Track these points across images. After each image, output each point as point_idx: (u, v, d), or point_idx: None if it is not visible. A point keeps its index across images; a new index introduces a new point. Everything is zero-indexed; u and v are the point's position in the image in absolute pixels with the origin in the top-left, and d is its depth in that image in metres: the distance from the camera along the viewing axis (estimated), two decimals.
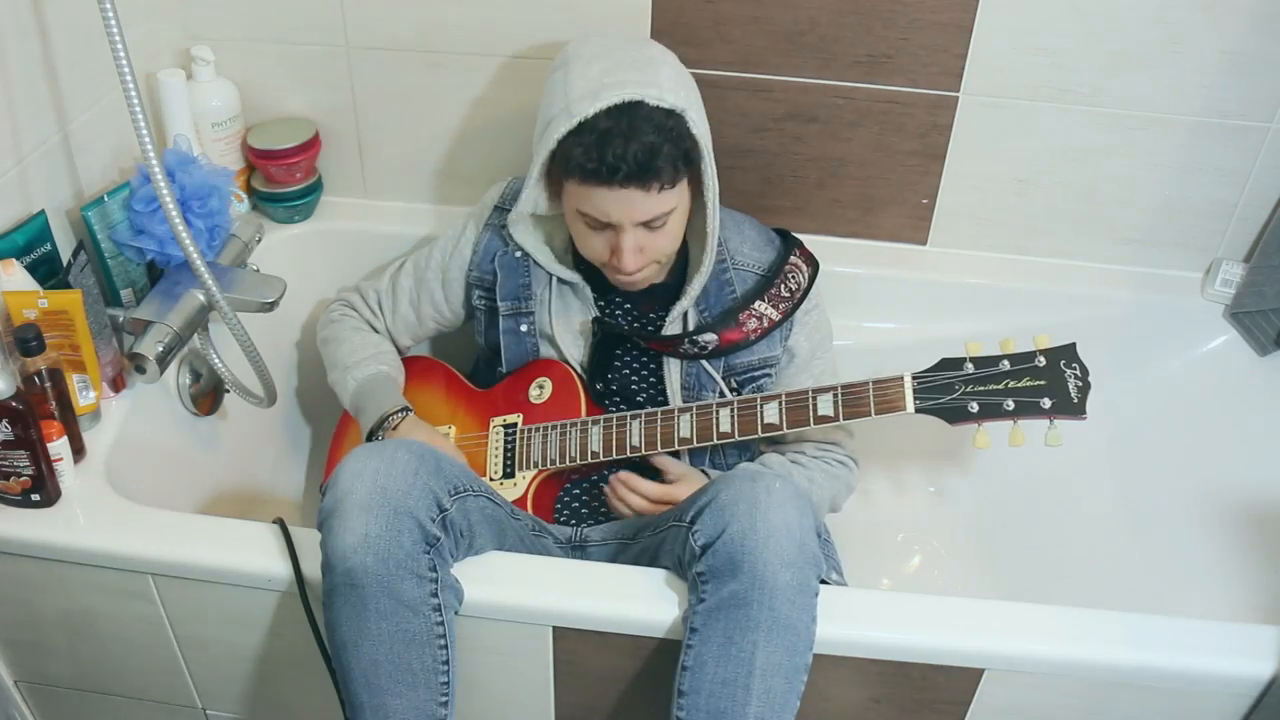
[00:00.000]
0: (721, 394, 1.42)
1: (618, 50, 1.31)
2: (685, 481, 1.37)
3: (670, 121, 1.25)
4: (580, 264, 1.45)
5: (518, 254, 1.46)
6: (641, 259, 1.32)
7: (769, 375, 1.44)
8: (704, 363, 1.41)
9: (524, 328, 1.47)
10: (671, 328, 1.42)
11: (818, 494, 1.41)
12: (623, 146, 1.22)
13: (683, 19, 1.57)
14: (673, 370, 1.42)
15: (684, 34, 1.58)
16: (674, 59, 1.35)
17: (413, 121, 1.72)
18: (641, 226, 1.29)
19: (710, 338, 1.39)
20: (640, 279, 1.36)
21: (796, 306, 1.43)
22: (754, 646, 1.08)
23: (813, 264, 1.47)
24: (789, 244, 1.47)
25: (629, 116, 1.23)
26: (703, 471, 1.42)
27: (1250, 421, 1.61)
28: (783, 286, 1.43)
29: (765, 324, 1.41)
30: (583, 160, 1.24)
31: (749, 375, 1.43)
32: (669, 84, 1.27)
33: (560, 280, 1.45)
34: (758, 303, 1.41)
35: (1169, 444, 1.67)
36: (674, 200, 1.29)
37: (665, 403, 1.43)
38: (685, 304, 1.41)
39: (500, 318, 1.47)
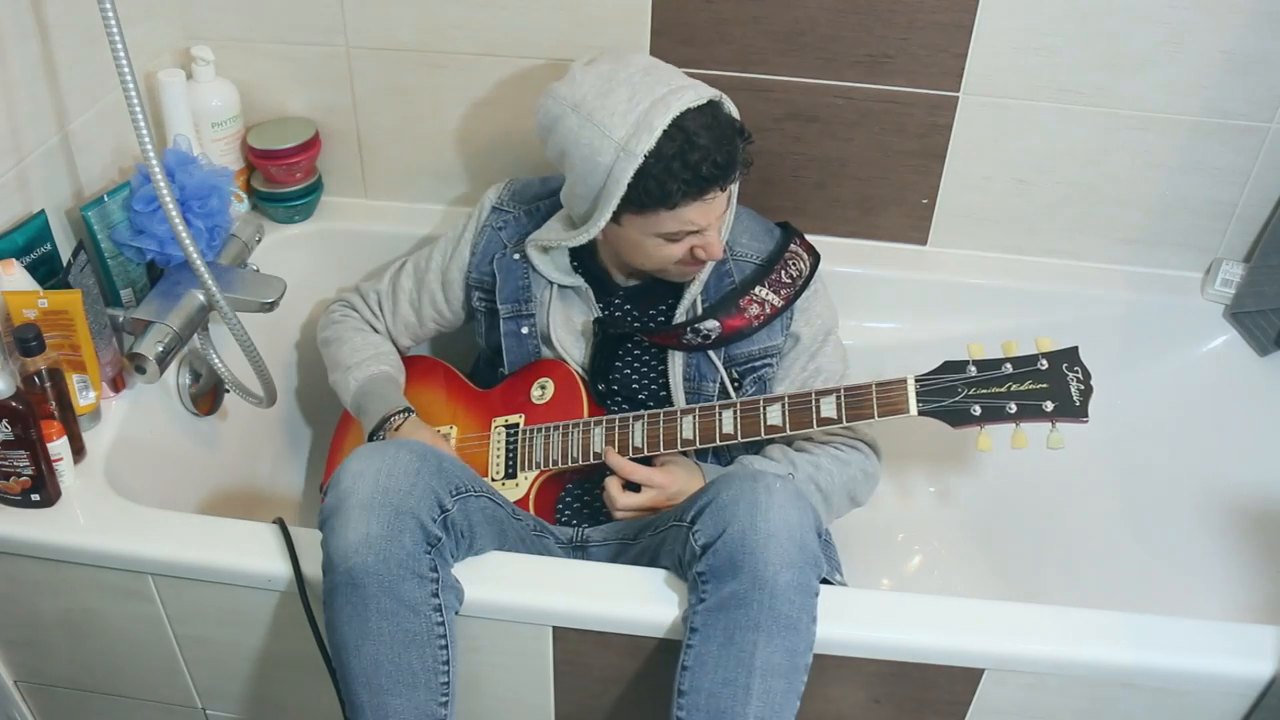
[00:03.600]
0: (722, 384, 1.41)
1: (615, 72, 1.28)
2: (670, 468, 1.36)
3: (716, 112, 1.27)
4: (581, 267, 1.45)
5: (516, 256, 1.46)
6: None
7: (770, 365, 1.43)
8: (707, 353, 1.41)
9: (525, 330, 1.47)
10: (681, 318, 1.41)
11: (825, 480, 1.38)
12: (702, 158, 1.23)
13: (683, 19, 1.57)
14: (676, 363, 1.42)
15: (684, 34, 1.58)
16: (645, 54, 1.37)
17: (413, 121, 1.72)
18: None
19: (713, 325, 1.39)
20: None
21: (798, 294, 1.42)
22: (754, 646, 1.08)
23: (814, 254, 1.46)
24: (789, 234, 1.47)
25: (685, 132, 1.23)
26: (696, 464, 1.41)
27: (1250, 421, 1.61)
28: (783, 273, 1.42)
29: (768, 310, 1.40)
30: (672, 188, 1.24)
31: (749, 366, 1.42)
32: (685, 78, 1.29)
33: (561, 284, 1.45)
34: (758, 288, 1.40)
35: (1169, 444, 1.67)
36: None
37: (667, 398, 1.43)
38: (696, 290, 1.40)
39: (501, 320, 1.47)
